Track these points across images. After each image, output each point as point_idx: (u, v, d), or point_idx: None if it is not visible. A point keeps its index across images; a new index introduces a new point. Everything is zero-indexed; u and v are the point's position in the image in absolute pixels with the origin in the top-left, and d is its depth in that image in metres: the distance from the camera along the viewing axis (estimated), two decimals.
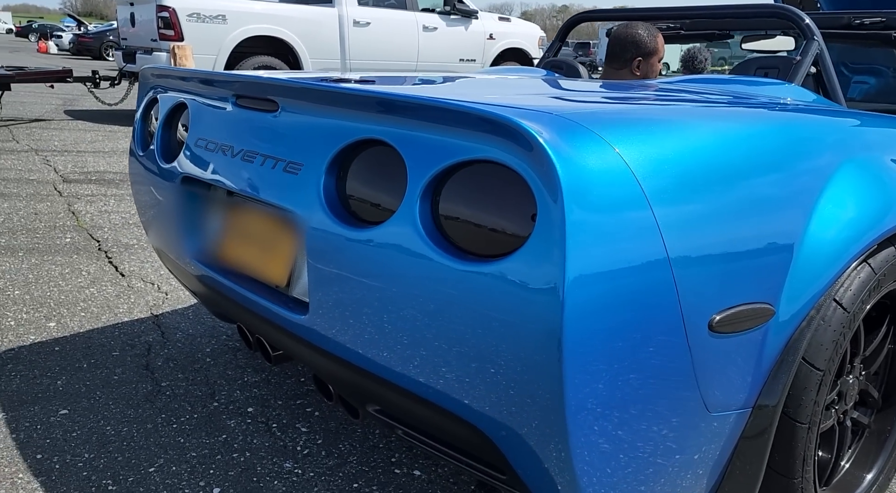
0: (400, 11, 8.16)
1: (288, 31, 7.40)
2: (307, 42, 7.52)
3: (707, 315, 1.09)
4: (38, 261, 3.07)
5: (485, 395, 1.09)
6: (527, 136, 0.97)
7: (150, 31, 7.19)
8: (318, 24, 7.59)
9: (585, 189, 0.97)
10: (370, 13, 7.92)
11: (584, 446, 1.04)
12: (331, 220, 1.22)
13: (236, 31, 7.16)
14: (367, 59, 7.91)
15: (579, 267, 0.96)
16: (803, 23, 1.92)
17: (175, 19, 6.91)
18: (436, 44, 8.40)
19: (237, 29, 7.16)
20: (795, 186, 1.20)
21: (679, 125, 1.14)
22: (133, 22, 7.59)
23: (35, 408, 1.89)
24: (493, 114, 1.01)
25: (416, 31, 8.23)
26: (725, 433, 1.21)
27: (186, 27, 6.96)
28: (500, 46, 8.83)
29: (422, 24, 8.27)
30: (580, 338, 0.97)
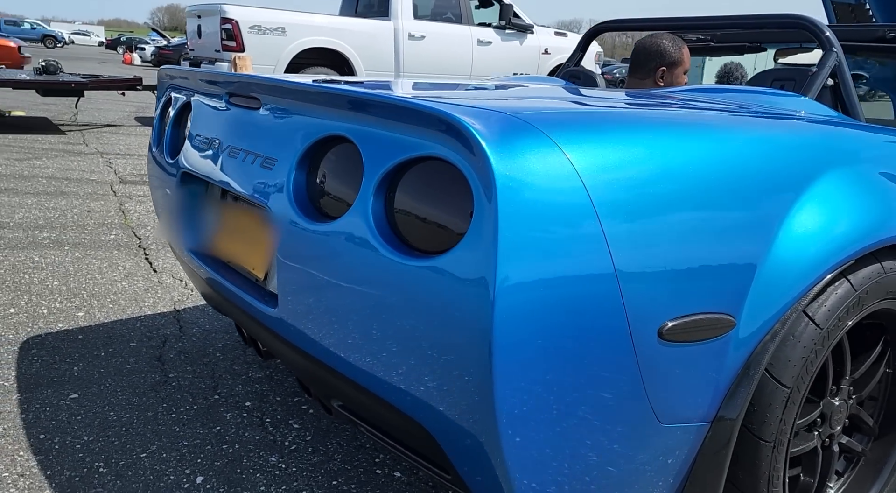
0: (455, 26, 8.25)
1: (344, 44, 7.58)
2: (362, 54, 7.68)
3: (657, 323, 1.06)
4: (81, 255, 3.23)
5: (425, 392, 1.09)
6: (465, 132, 0.97)
7: (214, 42, 7.49)
8: (373, 36, 7.74)
9: (524, 188, 0.96)
10: (425, 27, 8.03)
11: (517, 449, 1.03)
12: (296, 213, 1.25)
13: (294, 43, 7.38)
14: (420, 71, 8.01)
15: (512, 267, 0.95)
16: (823, 35, 1.85)
17: (237, 31, 7.18)
18: (490, 58, 8.44)
19: (295, 41, 7.38)
20: (761, 198, 1.15)
21: (641, 131, 1.11)
22: (200, 34, 7.93)
23: (48, 391, 1.99)
24: (436, 110, 1.02)
25: (471, 44, 8.29)
26: (682, 446, 1.17)
27: (248, 39, 7.21)
28: (555, 61, 8.80)
29: (476, 38, 8.33)
30: (511, 339, 0.96)
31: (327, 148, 1.27)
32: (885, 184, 1.32)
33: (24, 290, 2.75)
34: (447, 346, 1.02)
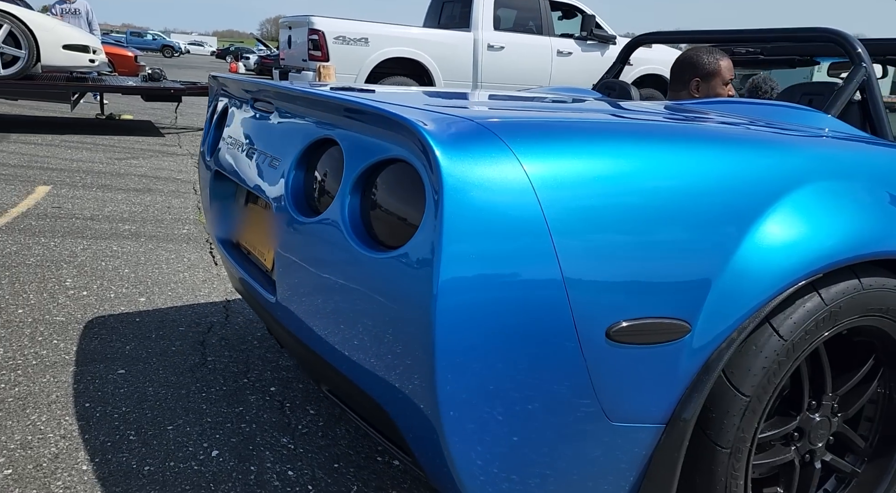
0: (535, 37, 8.29)
1: (424, 54, 7.78)
2: (441, 64, 7.85)
3: (605, 324, 1.10)
4: (154, 246, 3.51)
5: (384, 378, 1.17)
6: (418, 134, 1.05)
7: (302, 52, 7.86)
8: (452, 47, 7.90)
9: (472, 189, 1.02)
10: (505, 38, 8.12)
11: (462, 438, 1.09)
12: (290, 208, 1.36)
13: (376, 53, 7.64)
14: (498, 82, 8.10)
15: (455, 265, 1.01)
16: (853, 49, 1.81)
17: (323, 41, 7.51)
18: (569, 69, 8.42)
19: (377, 51, 7.64)
20: (720, 211, 1.16)
21: (603, 142, 1.14)
22: (290, 44, 8.34)
23: (100, 366, 2.20)
24: (395, 115, 1.10)
25: (550, 55, 8.31)
26: (637, 447, 1.19)
27: (332, 49, 7.53)
28: (637, 72, 8.67)
29: (556, 48, 8.34)
30: (452, 333, 1.02)
31: (321, 150, 1.38)
32: (867, 200, 1.29)
33: (99, 276, 3.03)
34: (398, 336, 1.10)
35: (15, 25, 6.72)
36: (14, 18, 6.71)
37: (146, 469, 1.69)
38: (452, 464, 1.12)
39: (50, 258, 3.20)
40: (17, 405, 1.92)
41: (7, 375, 2.09)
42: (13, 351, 2.25)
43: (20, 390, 2.01)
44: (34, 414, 1.89)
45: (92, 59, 7.28)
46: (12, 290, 2.78)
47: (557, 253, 1.05)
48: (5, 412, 1.89)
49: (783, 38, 2.04)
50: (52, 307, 2.64)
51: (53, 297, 2.74)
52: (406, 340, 1.08)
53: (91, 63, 7.30)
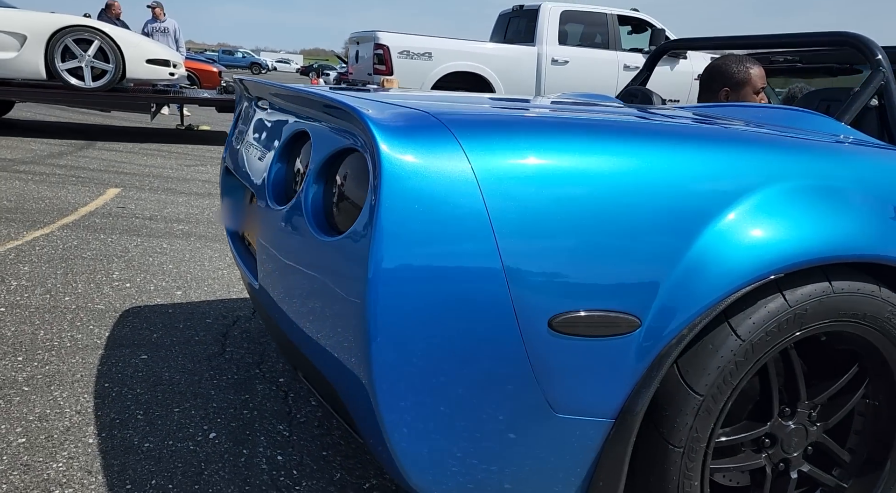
0: (602, 51, 8.22)
1: (486, 68, 7.84)
2: (503, 78, 7.90)
3: (547, 314, 1.09)
4: (200, 246, 3.68)
5: (334, 359, 1.20)
6: (362, 122, 1.08)
7: (367, 66, 8.08)
8: (516, 61, 7.93)
9: (413, 177, 1.05)
10: (570, 52, 8.09)
11: (397, 417, 1.10)
12: (269, 197, 1.42)
13: (439, 67, 7.76)
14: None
15: (390, 249, 1.03)
16: (871, 54, 1.74)
17: (388, 56, 7.70)
18: None
19: (440, 65, 7.76)
20: (675, 209, 1.13)
21: (556, 137, 1.13)
22: (357, 58, 8.59)
23: (126, 351, 2.33)
24: (346, 104, 1.15)
25: (616, 70, 8.21)
26: (586, 441, 1.17)
27: (397, 63, 7.71)
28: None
29: (623, 63, 8.24)
30: (386, 317, 1.04)
31: (299, 143, 1.44)
32: (842, 202, 1.23)
33: (144, 270, 3.20)
34: (341, 317, 1.13)
35: (105, 41, 7.21)
36: (104, 35, 7.21)
37: (146, 446, 1.78)
38: (393, 449, 1.13)
39: (104, 253, 3.42)
40: (44, 382, 2.06)
41: (42, 355, 2.24)
42: (52, 334, 2.41)
43: (50, 369, 2.15)
44: (57, 391, 2.02)
45: (172, 73, 7.71)
46: (64, 280, 2.98)
47: (498, 243, 1.06)
48: (32, 387, 2.03)
49: (801, 44, 1.97)
50: (95, 297, 2.81)
51: (99, 287, 2.92)
52: (347, 321, 1.11)
53: (171, 76, 7.73)
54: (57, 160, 5.96)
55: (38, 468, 1.65)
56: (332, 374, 1.22)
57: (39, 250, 3.34)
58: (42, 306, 2.66)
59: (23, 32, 7.01)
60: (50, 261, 3.20)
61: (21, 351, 2.25)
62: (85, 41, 7.16)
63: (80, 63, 7.19)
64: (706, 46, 2.29)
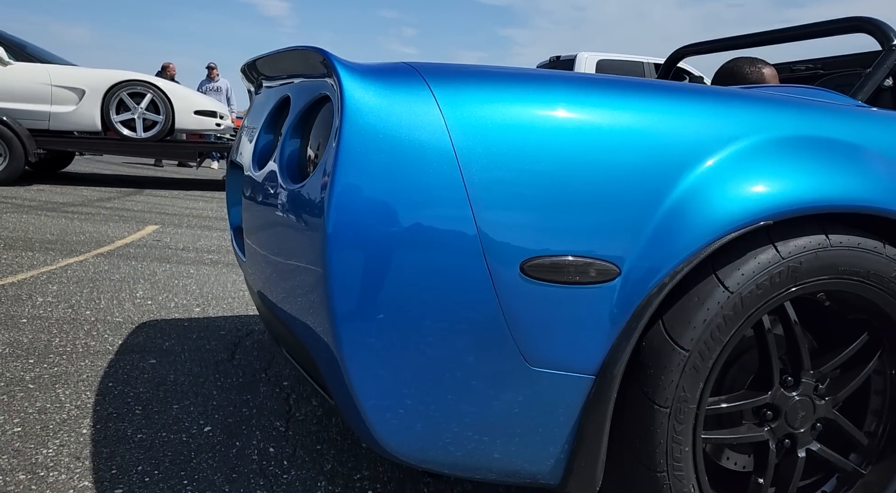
0: None
1: None
2: None
3: (518, 258, 1.04)
4: (227, 271, 3.72)
5: (304, 317, 1.16)
6: (330, 64, 1.07)
7: None
8: None
9: (379, 117, 1.03)
10: None
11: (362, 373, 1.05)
12: (252, 166, 1.42)
13: None
14: None
15: (349, 190, 1.01)
16: (887, 36, 1.67)
17: None
18: None
19: None
20: (657, 151, 1.08)
21: (530, 85, 1.10)
22: None
23: (136, 356, 2.32)
24: (320, 51, 1.14)
25: None
26: (565, 399, 1.09)
27: None
28: None
29: None
30: (346, 259, 1.01)
31: (283, 110, 1.43)
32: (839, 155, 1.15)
33: (168, 290, 3.24)
34: (305, 265, 1.09)
35: (156, 94, 7.57)
36: (156, 89, 7.57)
37: (138, 437, 1.74)
38: (361, 408, 1.07)
39: (132, 276, 3.47)
40: (49, 381, 2.06)
41: (53, 358, 2.26)
42: (67, 341, 2.43)
43: (58, 370, 2.15)
44: (61, 389, 2.01)
45: (218, 123, 8.01)
46: (89, 297, 3.03)
47: (466, 184, 1.02)
48: (37, 385, 2.03)
49: (814, 33, 1.91)
50: (116, 311, 2.84)
51: (121, 304, 2.96)
52: (309, 268, 1.08)
53: (217, 127, 8.03)
54: (104, 203, 6.19)
55: (28, 453, 1.62)
56: (303, 332, 1.18)
57: (71, 274, 3.42)
58: (62, 318, 2.70)
59: (81, 87, 7.43)
60: (79, 282, 3.27)
61: (34, 355, 2.27)
62: (138, 95, 7.53)
63: (133, 115, 7.54)
64: (721, 47, 2.24)
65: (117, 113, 7.53)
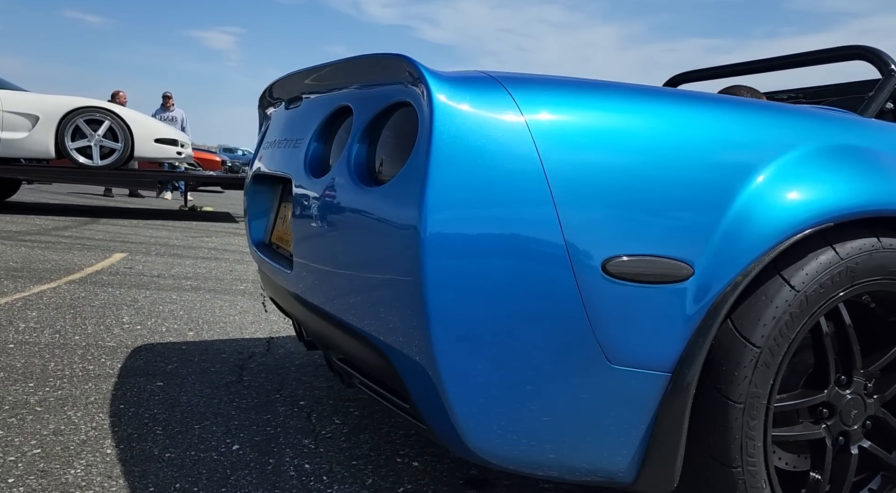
0: None
1: None
2: None
3: (601, 257, 1.08)
4: (210, 297, 3.64)
5: (383, 320, 1.16)
6: (417, 71, 1.10)
7: None
8: None
9: (464, 123, 1.06)
10: None
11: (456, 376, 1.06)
12: (305, 175, 1.43)
13: None
14: None
15: (441, 194, 1.03)
16: (885, 64, 1.82)
17: None
18: None
19: None
20: (729, 155, 1.16)
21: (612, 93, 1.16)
22: None
23: (141, 379, 2.25)
24: (402, 57, 1.17)
25: None
26: (642, 396, 1.13)
27: None
28: None
29: None
30: (440, 263, 1.03)
31: (337, 119, 1.46)
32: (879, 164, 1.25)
33: (155, 315, 3.15)
34: (391, 266, 1.11)
35: (115, 121, 7.41)
36: (114, 116, 7.42)
37: (167, 456, 1.69)
38: (450, 406, 1.08)
39: (113, 302, 3.37)
40: (57, 404, 1.98)
41: (54, 382, 2.17)
42: (63, 365, 2.34)
43: (63, 393, 2.07)
44: (71, 411, 1.94)
45: (179, 152, 7.88)
46: (73, 322, 2.92)
47: (551, 187, 1.06)
48: (45, 407, 1.95)
49: (814, 60, 2.05)
50: (105, 336, 2.75)
51: (109, 329, 2.86)
52: (397, 269, 1.09)
53: (178, 155, 7.90)
54: (61, 232, 5.98)
55: (55, 473, 1.56)
56: (380, 339, 1.18)
57: (47, 300, 3.30)
58: (52, 343, 2.60)
59: (35, 113, 7.21)
60: (58, 308, 3.15)
61: (32, 379, 2.18)
62: (96, 121, 7.35)
63: (90, 142, 7.35)
64: (721, 74, 2.37)
65: (73, 140, 7.33)
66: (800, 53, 2.09)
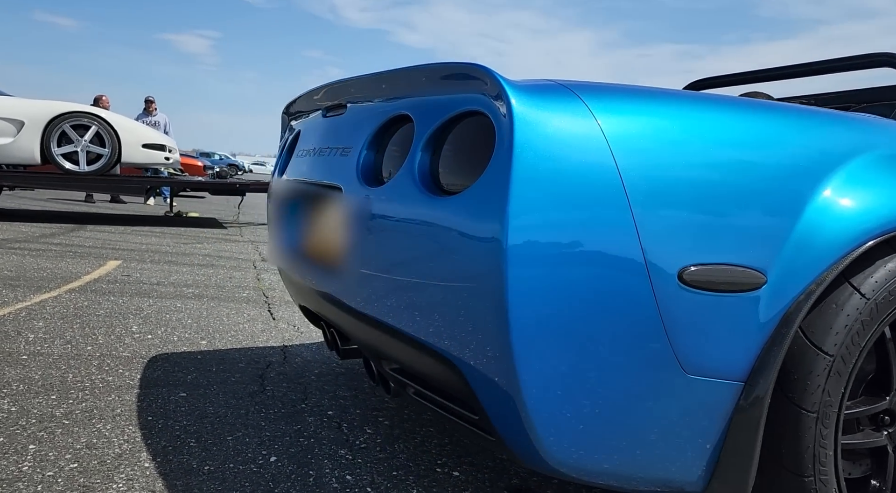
0: None
1: None
2: None
3: (677, 265, 1.09)
4: (215, 305, 3.61)
5: (452, 330, 1.16)
6: (496, 82, 1.11)
7: None
8: None
9: (543, 130, 1.07)
10: None
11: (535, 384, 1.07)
12: (359, 184, 1.42)
13: None
14: None
15: (522, 204, 1.03)
16: None
17: None
18: None
19: None
20: (798, 164, 1.18)
21: (683, 101, 1.19)
22: None
23: (163, 390, 2.23)
24: (477, 66, 1.17)
25: None
26: (716, 406, 1.14)
27: None
28: None
29: None
30: (522, 274, 1.03)
31: (392, 126, 1.45)
32: None
33: (163, 324, 3.11)
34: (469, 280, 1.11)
35: (102, 127, 7.31)
36: (102, 121, 7.31)
37: (206, 468, 1.67)
38: (528, 418, 1.09)
39: (118, 311, 3.32)
40: (83, 417, 1.95)
41: (75, 393, 2.14)
42: (81, 376, 2.30)
43: (87, 405, 2.04)
44: (99, 423, 1.91)
45: (167, 157, 7.80)
46: (82, 332, 2.88)
47: (629, 196, 1.07)
48: (72, 420, 1.92)
49: (838, 68, 2.10)
50: (118, 346, 2.71)
51: (120, 338, 2.83)
52: (474, 278, 1.09)
53: (166, 161, 7.81)
54: (49, 239, 5.88)
55: (97, 488, 1.53)
56: (453, 349, 1.18)
57: (51, 310, 3.24)
58: (65, 353, 2.55)
59: (20, 118, 7.09)
60: (64, 318, 3.10)
61: (53, 391, 2.14)
62: (83, 127, 7.24)
63: (76, 148, 7.24)
64: (743, 81, 2.41)
65: (59, 146, 7.22)
66: (824, 61, 2.14)
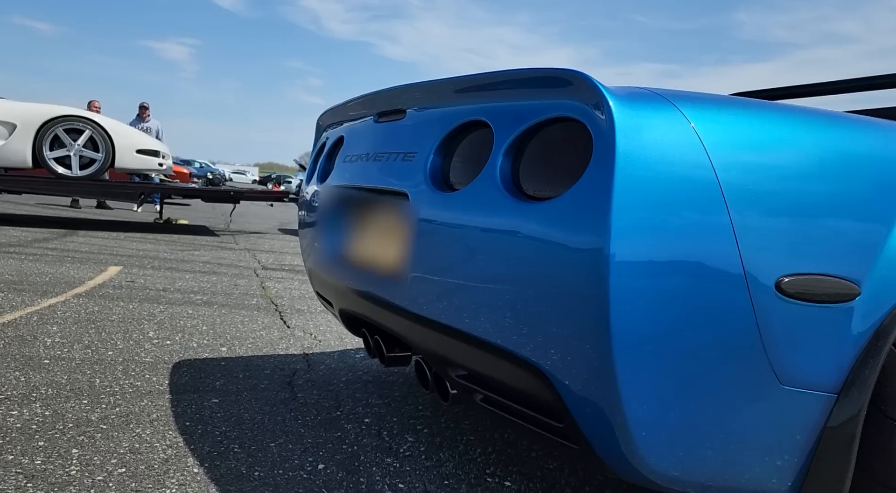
0: None
1: None
2: None
3: (774, 275, 1.10)
4: (227, 312, 3.57)
5: (542, 338, 1.16)
6: (594, 89, 1.11)
7: None
8: None
9: (643, 138, 1.07)
10: None
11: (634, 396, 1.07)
12: (429, 190, 1.42)
13: None
14: None
15: (624, 214, 1.04)
16: None
17: None
18: None
19: None
20: (891, 177, 1.20)
21: (783, 112, 1.21)
22: None
23: (194, 396, 2.20)
24: (573, 72, 1.18)
25: None
26: (807, 418, 1.15)
27: None
28: None
29: None
30: (625, 282, 1.03)
31: (463, 132, 1.45)
32: None
33: (179, 330, 3.08)
34: (565, 287, 1.11)
35: (96, 131, 7.23)
36: (95, 125, 7.24)
37: (256, 474, 1.65)
38: (625, 428, 1.08)
39: (131, 317, 3.28)
40: (120, 421, 1.92)
41: (107, 398, 2.10)
42: (109, 381, 2.27)
43: (121, 410, 2.01)
44: (138, 428, 1.88)
45: (160, 163, 7.73)
46: (100, 337, 2.83)
47: (728, 204, 1.08)
48: (110, 425, 1.89)
49: (876, 86, 2.14)
50: (139, 351, 2.68)
51: (139, 344, 2.79)
52: (572, 292, 1.09)
53: (160, 167, 7.74)
54: (44, 244, 5.79)
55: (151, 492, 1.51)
56: (538, 354, 1.18)
57: (62, 314, 3.19)
58: (87, 358, 2.51)
59: (12, 121, 6.99)
60: (77, 322, 3.05)
61: (83, 395, 2.11)
62: (76, 131, 7.16)
63: (69, 152, 7.16)
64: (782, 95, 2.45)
65: (51, 149, 7.12)
66: (865, 78, 2.18)
